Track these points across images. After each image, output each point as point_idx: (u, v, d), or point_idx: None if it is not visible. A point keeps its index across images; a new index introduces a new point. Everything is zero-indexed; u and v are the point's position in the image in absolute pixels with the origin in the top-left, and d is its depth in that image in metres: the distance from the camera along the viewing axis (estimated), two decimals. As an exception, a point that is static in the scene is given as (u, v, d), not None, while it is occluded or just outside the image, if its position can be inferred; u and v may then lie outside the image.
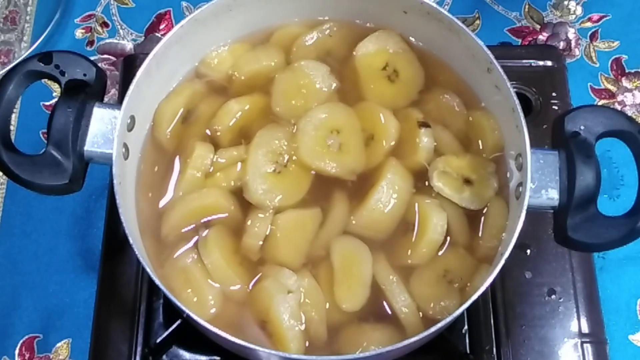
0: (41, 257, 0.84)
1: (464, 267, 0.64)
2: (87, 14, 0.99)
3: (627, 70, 0.93)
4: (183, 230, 0.65)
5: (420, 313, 0.62)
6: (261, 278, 0.63)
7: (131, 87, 0.62)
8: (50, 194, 0.62)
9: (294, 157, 0.66)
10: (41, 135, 0.90)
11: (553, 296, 0.75)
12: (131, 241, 0.58)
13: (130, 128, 0.64)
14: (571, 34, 0.95)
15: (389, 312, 0.63)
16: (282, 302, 0.61)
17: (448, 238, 0.64)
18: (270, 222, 0.64)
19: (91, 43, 0.97)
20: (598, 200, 0.59)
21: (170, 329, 0.71)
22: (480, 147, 0.68)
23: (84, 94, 0.62)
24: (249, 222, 0.64)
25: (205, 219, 0.65)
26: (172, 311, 0.71)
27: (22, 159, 0.61)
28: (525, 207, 0.58)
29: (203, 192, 0.65)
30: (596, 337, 0.74)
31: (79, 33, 0.97)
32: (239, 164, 0.66)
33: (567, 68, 0.86)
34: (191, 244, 0.65)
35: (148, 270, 0.57)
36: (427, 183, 0.66)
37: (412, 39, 0.72)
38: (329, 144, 0.66)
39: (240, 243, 0.64)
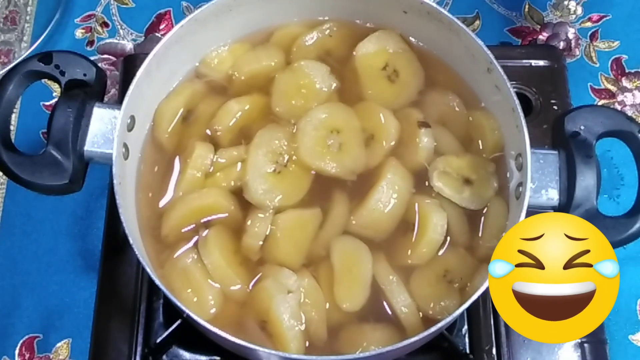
0: (41, 257, 0.84)
1: (464, 267, 0.64)
2: (87, 14, 0.99)
3: (627, 70, 0.93)
4: (183, 230, 0.65)
5: (420, 313, 0.62)
6: (261, 278, 0.63)
7: (131, 87, 0.62)
8: (50, 194, 0.62)
9: (294, 157, 0.66)
10: (41, 135, 0.90)
11: (553, 296, 0.75)
12: (131, 241, 0.58)
13: (130, 128, 0.64)
14: (571, 34, 0.95)
15: (389, 312, 0.63)
16: (282, 302, 0.61)
17: (448, 238, 0.64)
18: (270, 222, 0.64)
19: (91, 43, 0.97)
20: (598, 200, 0.59)
21: (170, 329, 0.71)
22: (480, 147, 0.68)
23: (84, 94, 0.62)
24: (249, 222, 0.64)
25: (205, 219, 0.65)
26: (172, 311, 0.71)
27: (22, 159, 0.61)
28: (525, 207, 0.58)
29: (203, 192, 0.65)
30: (596, 337, 0.74)
31: (79, 33, 0.97)
32: (239, 164, 0.66)
33: (567, 68, 0.86)
34: (191, 244, 0.65)
35: (148, 270, 0.57)
36: (427, 183, 0.66)
37: (412, 39, 0.72)
38: (329, 144, 0.66)
39: (240, 243, 0.64)
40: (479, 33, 0.96)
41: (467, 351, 0.72)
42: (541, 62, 0.85)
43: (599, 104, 0.91)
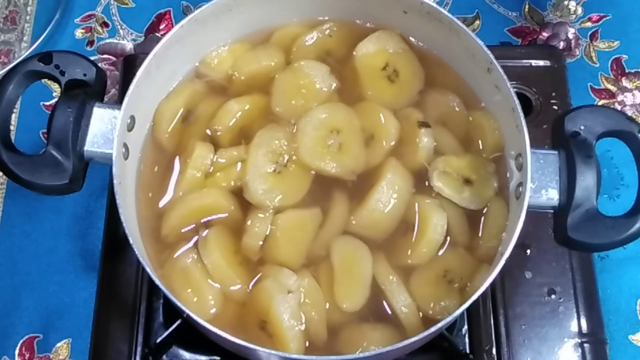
0: (41, 257, 0.84)
1: (464, 267, 0.64)
2: (87, 14, 0.99)
3: (627, 70, 0.93)
4: (183, 230, 0.65)
5: (420, 313, 0.62)
6: (261, 278, 0.63)
7: (131, 87, 0.62)
8: (50, 194, 0.62)
9: (294, 157, 0.66)
10: (41, 135, 0.90)
11: (553, 296, 0.75)
12: (131, 241, 0.58)
13: (130, 128, 0.64)
14: (571, 34, 0.95)
15: (389, 312, 0.63)
16: (282, 302, 0.61)
17: (448, 238, 0.64)
18: (270, 222, 0.64)
19: (91, 43, 0.97)
20: (598, 200, 0.59)
21: (170, 329, 0.71)
22: (480, 147, 0.68)
23: (84, 94, 0.62)
24: (249, 222, 0.64)
25: (205, 219, 0.65)
26: (172, 311, 0.71)
27: (22, 159, 0.61)
28: (525, 207, 0.58)
29: (203, 192, 0.65)
30: (596, 337, 0.74)
31: (79, 33, 0.97)
32: (239, 164, 0.66)
33: (567, 68, 0.86)
34: (191, 244, 0.65)
35: (148, 270, 0.57)
36: (427, 183, 0.66)
37: (412, 39, 0.72)
38: (329, 144, 0.66)
39: (240, 243, 0.64)
40: (479, 33, 0.96)
41: (467, 351, 0.72)
42: (541, 62, 0.85)
43: (599, 104, 0.91)
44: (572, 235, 0.58)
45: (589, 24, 0.96)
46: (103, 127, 0.62)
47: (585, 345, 0.73)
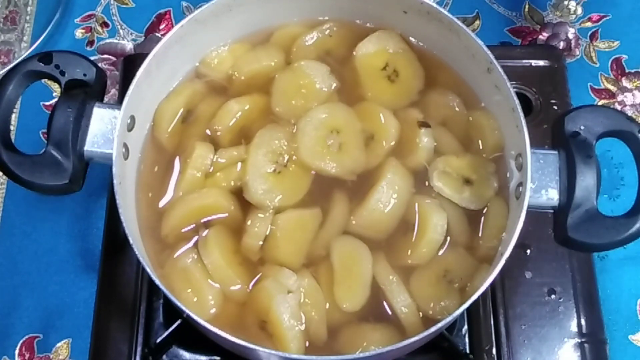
0: (41, 257, 0.84)
1: (464, 267, 0.64)
2: (87, 14, 0.99)
3: (627, 70, 0.93)
4: (183, 230, 0.65)
5: (420, 313, 0.62)
6: (261, 278, 0.63)
7: (131, 87, 0.62)
8: (50, 194, 0.62)
9: (294, 157, 0.66)
10: (41, 135, 0.90)
11: (553, 296, 0.75)
12: (131, 241, 0.58)
13: (130, 128, 0.64)
14: (571, 34, 0.95)
15: (389, 312, 0.63)
16: (282, 302, 0.61)
17: (448, 238, 0.64)
18: (270, 222, 0.64)
19: (91, 43, 0.97)
20: (598, 200, 0.59)
21: (170, 329, 0.71)
22: (480, 147, 0.68)
23: (84, 94, 0.62)
24: (249, 222, 0.64)
25: (205, 219, 0.65)
26: (172, 311, 0.71)
27: (22, 159, 0.61)
28: (525, 207, 0.58)
29: (203, 192, 0.65)
30: (596, 337, 0.74)
31: (79, 33, 0.97)
32: (239, 164, 0.66)
33: (567, 68, 0.86)
34: (191, 244, 0.65)
35: (148, 270, 0.57)
36: (427, 183, 0.66)
37: (412, 39, 0.72)
38: (329, 144, 0.66)
39: (240, 243, 0.64)
40: (479, 33, 0.96)
41: (467, 351, 0.72)
42: (541, 62, 0.85)
43: (599, 104, 0.91)
44: (572, 235, 0.58)
45: (589, 24, 0.96)
46: (103, 127, 0.62)
47: (585, 345, 0.73)
